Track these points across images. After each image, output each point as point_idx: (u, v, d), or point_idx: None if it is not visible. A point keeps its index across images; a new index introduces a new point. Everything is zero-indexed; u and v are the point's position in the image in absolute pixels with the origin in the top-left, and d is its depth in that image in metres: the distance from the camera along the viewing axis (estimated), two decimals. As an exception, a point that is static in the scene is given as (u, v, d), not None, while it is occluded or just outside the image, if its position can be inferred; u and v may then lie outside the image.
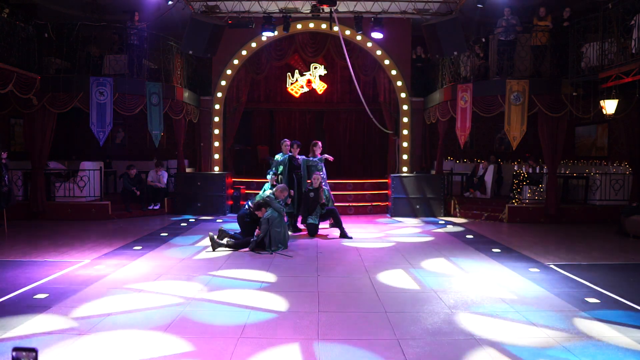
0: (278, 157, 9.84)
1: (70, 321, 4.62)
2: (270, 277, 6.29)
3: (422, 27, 11.84)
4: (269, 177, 9.55)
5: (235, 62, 14.20)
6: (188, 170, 13.83)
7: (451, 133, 12.74)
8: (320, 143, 10.16)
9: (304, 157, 9.97)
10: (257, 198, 8.25)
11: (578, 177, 12.13)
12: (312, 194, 9.23)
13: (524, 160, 13.22)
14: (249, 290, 5.69)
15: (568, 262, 7.20)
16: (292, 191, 8.99)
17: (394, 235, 9.52)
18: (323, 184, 9.50)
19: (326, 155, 9.94)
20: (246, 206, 8.32)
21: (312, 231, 9.29)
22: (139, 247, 8.04)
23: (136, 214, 11.81)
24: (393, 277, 6.33)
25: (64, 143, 13.78)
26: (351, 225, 10.36)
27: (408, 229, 10.29)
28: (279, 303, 5.24)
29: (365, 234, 9.68)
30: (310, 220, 9.30)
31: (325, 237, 9.27)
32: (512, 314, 4.91)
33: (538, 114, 11.06)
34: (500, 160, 13.87)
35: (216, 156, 14.34)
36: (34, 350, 1.76)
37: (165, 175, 12.66)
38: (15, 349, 1.73)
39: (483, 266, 6.95)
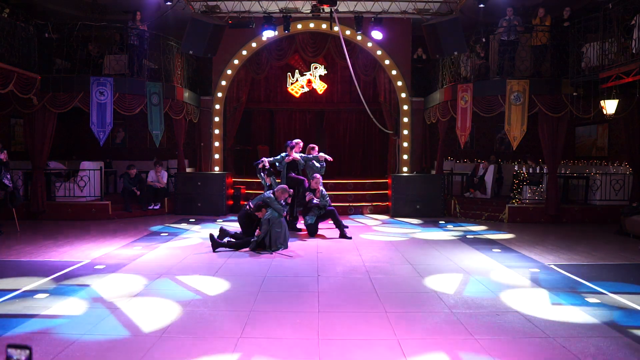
0: (283, 155, 9.79)
1: (70, 321, 4.61)
2: (271, 275, 6.30)
3: (423, 27, 11.84)
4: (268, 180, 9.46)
5: (236, 62, 14.20)
6: (188, 170, 13.83)
7: (451, 133, 12.75)
8: (317, 147, 10.12)
9: (302, 154, 9.91)
10: (258, 199, 8.25)
11: (578, 177, 12.13)
12: (309, 197, 9.20)
13: (524, 160, 13.22)
14: (250, 289, 5.70)
15: (568, 262, 7.20)
16: (291, 190, 8.96)
17: (394, 236, 9.52)
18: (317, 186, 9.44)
19: (325, 156, 9.86)
20: (247, 206, 8.32)
21: (312, 231, 9.29)
22: (139, 247, 8.05)
23: (136, 214, 11.81)
24: (393, 278, 6.33)
25: (64, 143, 13.78)
26: (351, 226, 10.36)
27: (408, 229, 10.30)
28: (279, 302, 5.24)
29: (365, 234, 9.68)
30: (309, 221, 9.30)
31: (325, 237, 9.27)
32: (512, 314, 4.91)
33: (538, 114, 11.07)
34: (501, 160, 13.87)
35: (216, 156, 14.35)
36: (27, 348, 1.75)
37: (165, 175, 12.66)
38: (9, 346, 1.73)
39: (483, 266, 6.95)
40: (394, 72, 14.18)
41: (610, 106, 9.73)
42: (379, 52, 14.10)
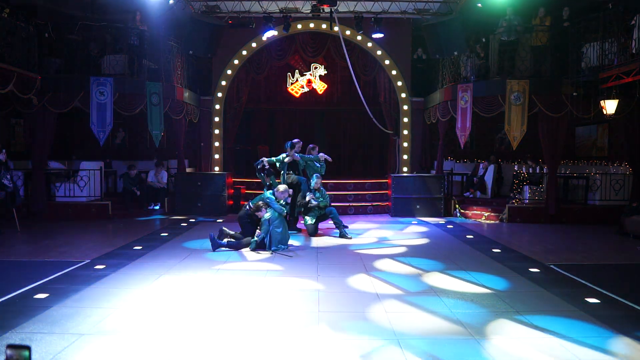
0: (283, 156, 9.78)
1: (70, 321, 4.62)
2: (274, 272, 6.30)
3: (422, 27, 11.86)
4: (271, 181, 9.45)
5: (236, 62, 14.20)
6: (188, 170, 13.82)
7: (451, 133, 12.74)
8: (317, 147, 10.10)
9: (301, 154, 9.89)
10: (258, 199, 8.25)
11: (578, 177, 12.13)
12: (309, 197, 9.20)
13: (524, 160, 13.22)
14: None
15: (568, 262, 7.20)
16: (291, 190, 8.96)
17: (394, 236, 9.52)
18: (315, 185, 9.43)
19: (325, 156, 9.83)
20: (247, 206, 8.32)
21: (312, 231, 9.29)
22: (139, 247, 8.04)
23: (136, 214, 11.81)
24: (393, 277, 6.33)
25: (64, 143, 13.76)
26: (351, 225, 10.35)
27: (408, 229, 10.29)
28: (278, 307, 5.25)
29: (366, 234, 9.68)
30: (309, 221, 9.30)
31: (325, 237, 9.27)
32: (512, 315, 4.91)
33: (538, 114, 11.06)
34: (501, 160, 13.87)
35: (216, 156, 14.35)
36: (27, 348, 1.76)
37: (165, 175, 12.66)
38: (9, 346, 1.74)
39: (484, 267, 6.95)
40: (394, 72, 14.18)
41: (610, 106, 9.72)
42: (379, 52, 14.10)
